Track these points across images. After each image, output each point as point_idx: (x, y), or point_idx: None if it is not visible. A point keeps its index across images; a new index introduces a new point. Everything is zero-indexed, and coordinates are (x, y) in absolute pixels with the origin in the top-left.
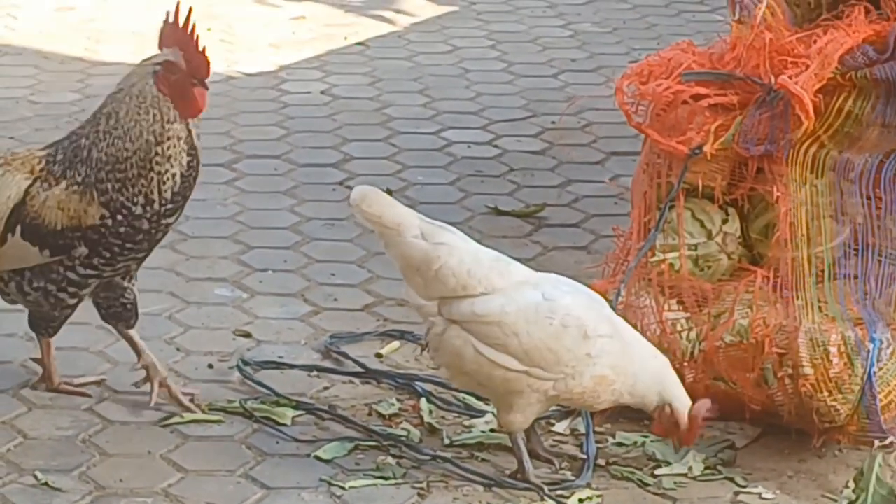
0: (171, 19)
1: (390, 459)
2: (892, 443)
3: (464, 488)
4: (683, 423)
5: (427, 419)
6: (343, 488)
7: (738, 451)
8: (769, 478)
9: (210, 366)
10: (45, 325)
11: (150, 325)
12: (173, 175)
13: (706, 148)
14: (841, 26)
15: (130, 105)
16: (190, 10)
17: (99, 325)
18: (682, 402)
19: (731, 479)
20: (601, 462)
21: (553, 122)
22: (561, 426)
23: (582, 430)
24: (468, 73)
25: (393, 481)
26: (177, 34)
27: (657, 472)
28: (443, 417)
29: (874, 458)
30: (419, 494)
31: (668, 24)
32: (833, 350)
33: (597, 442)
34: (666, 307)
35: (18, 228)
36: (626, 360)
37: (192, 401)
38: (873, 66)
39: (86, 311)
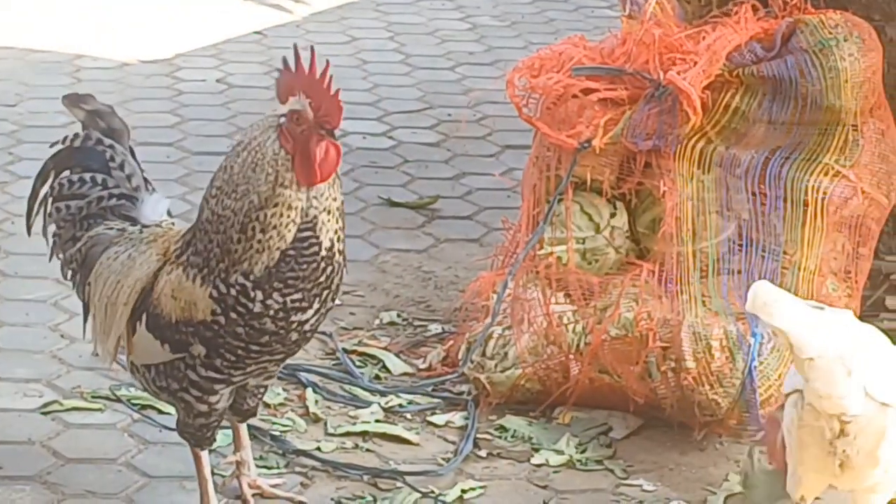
0: (292, 65)
1: (274, 449)
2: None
3: (347, 478)
4: None
5: (312, 409)
6: (224, 477)
7: (618, 441)
8: (650, 470)
9: (95, 353)
10: (185, 431)
11: (34, 311)
12: (279, 249)
13: (595, 142)
14: (729, 23)
15: (246, 160)
16: (312, 51)
17: None
18: None
19: (612, 472)
20: (483, 454)
21: (449, 115)
22: (443, 418)
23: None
24: (366, 64)
25: (276, 470)
26: (302, 80)
27: (533, 459)
28: (328, 408)
29: (752, 453)
30: (302, 484)
31: (567, 18)
32: (715, 344)
33: (481, 434)
34: (553, 300)
35: (144, 318)
36: None
37: (275, 486)
38: (760, 64)
39: None
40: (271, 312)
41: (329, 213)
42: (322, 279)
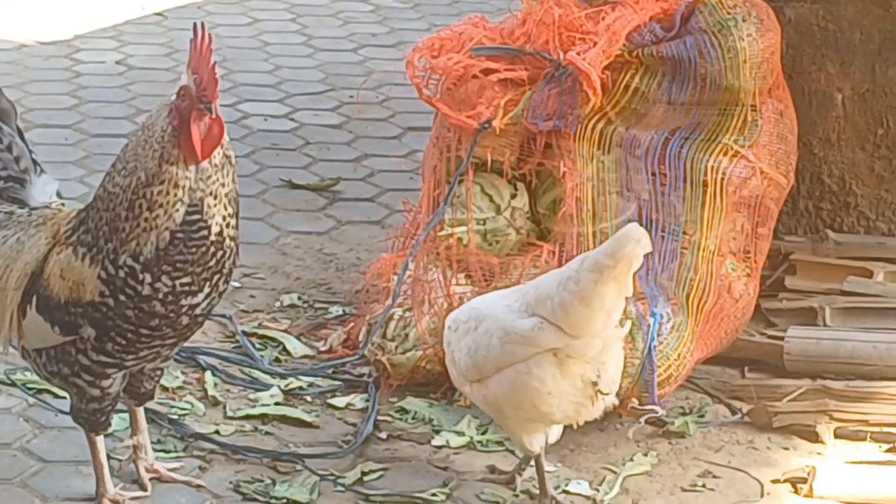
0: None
1: (172, 432)
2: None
3: (246, 461)
4: None
5: (211, 392)
6: (121, 461)
7: None
8: (551, 451)
9: None
10: (79, 416)
11: None
12: (167, 230)
13: (495, 123)
14: (629, 4)
15: (139, 137)
16: (203, 26)
17: None
18: None
19: (512, 452)
20: (384, 436)
21: (351, 97)
22: (343, 400)
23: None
24: (267, 45)
25: (174, 454)
26: (193, 57)
27: (433, 441)
28: (227, 391)
29: None
30: (200, 468)
31: (470, 0)
32: None
33: (382, 416)
34: (453, 281)
35: (34, 300)
36: None
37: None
38: (660, 44)
39: None
40: (160, 295)
41: (216, 197)
42: (212, 263)
